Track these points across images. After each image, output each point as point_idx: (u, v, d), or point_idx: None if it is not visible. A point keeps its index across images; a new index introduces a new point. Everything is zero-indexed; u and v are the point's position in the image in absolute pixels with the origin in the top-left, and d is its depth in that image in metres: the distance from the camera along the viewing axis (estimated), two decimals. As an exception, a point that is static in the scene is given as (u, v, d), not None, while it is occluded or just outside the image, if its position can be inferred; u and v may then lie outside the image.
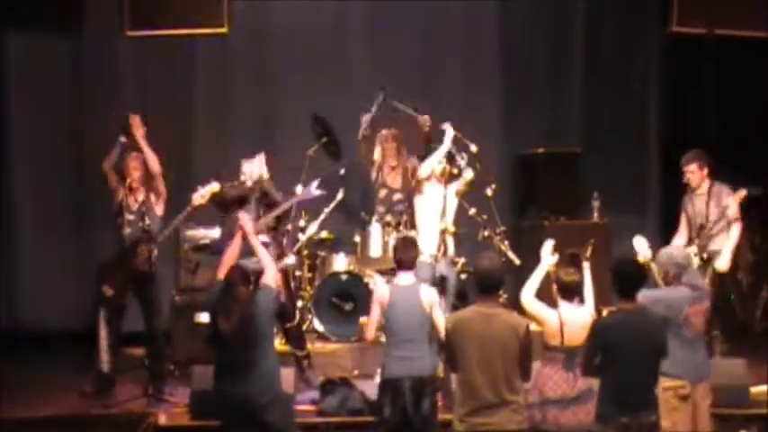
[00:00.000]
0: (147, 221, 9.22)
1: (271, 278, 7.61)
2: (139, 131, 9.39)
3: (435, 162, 9.64)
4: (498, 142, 12.19)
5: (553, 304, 7.52)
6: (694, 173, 9.80)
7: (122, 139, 9.46)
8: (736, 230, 9.68)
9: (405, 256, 7.87)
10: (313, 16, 12.18)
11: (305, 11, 12.14)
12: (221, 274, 7.58)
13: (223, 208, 9.60)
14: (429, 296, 7.78)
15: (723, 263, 9.46)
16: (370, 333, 7.91)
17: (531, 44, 12.60)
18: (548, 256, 7.69)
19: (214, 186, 9.37)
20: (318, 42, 12.18)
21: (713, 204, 9.75)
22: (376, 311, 7.81)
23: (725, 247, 9.55)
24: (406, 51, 12.21)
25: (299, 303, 10.60)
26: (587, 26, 12.57)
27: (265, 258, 7.76)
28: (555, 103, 12.59)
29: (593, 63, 12.54)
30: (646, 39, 12.57)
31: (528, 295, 7.51)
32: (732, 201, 9.70)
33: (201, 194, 9.27)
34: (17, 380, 9.70)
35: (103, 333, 9.27)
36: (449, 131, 9.68)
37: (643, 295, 7.12)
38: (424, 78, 12.28)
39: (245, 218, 8.06)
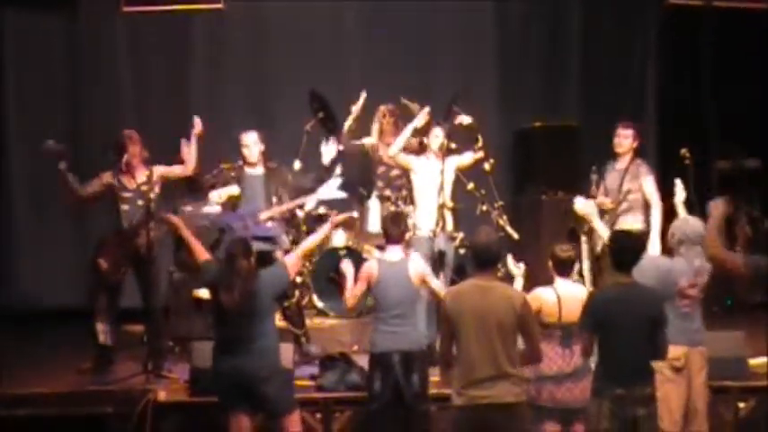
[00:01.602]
0: (152, 204, 9.19)
1: (291, 262, 7.72)
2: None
3: (403, 141, 9.61)
4: (496, 116, 12.17)
5: (549, 280, 7.54)
6: (628, 138, 9.62)
7: (61, 166, 9.22)
8: (657, 213, 9.39)
9: (394, 230, 7.89)
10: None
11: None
12: (202, 256, 7.72)
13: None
14: (418, 268, 7.82)
15: (654, 249, 9.16)
16: (350, 302, 7.97)
17: (529, 20, 12.58)
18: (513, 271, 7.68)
19: (233, 190, 9.35)
20: (315, 20, 12.16)
21: (627, 180, 9.61)
22: (359, 284, 7.86)
23: (652, 232, 9.31)
24: (403, 28, 12.19)
25: (298, 279, 10.62)
26: (585, 2, 12.54)
27: (306, 245, 7.95)
28: (553, 77, 12.57)
29: (590, 38, 12.52)
30: (643, 14, 12.54)
31: None
32: (650, 180, 9.50)
33: (219, 195, 9.24)
34: (15, 357, 9.72)
35: (99, 305, 9.27)
36: (423, 112, 9.62)
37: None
38: (422, 53, 12.27)
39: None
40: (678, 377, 7.55)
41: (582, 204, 8.54)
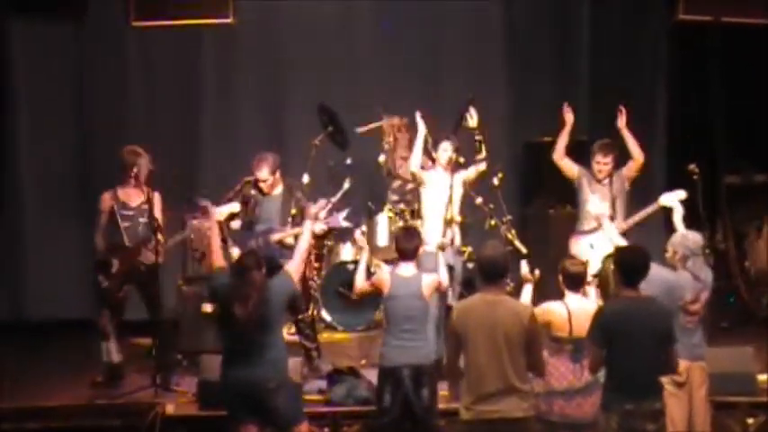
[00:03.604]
0: (155, 220, 9.17)
1: (293, 269, 7.68)
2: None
3: (419, 154, 9.60)
4: (505, 130, 12.17)
5: (560, 295, 7.54)
6: (608, 165, 9.82)
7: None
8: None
9: (407, 246, 7.90)
10: (320, 6, 12.16)
11: (312, 1, 12.13)
12: (217, 261, 7.68)
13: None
14: (430, 280, 7.88)
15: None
16: (357, 291, 8.15)
17: (538, 32, 12.57)
18: (527, 276, 7.69)
19: (234, 207, 9.31)
20: (324, 34, 12.17)
21: (616, 189, 9.76)
22: (371, 286, 8.03)
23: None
24: (412, 40, 12.21)
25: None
26: (593, 14, 12.54)
27: (300, 248, 7.85)
28: (562, 90, 12.53)
29: (599, 51, 12.51)
30: (652, 28, 12.54)
31: None
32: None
33: (220, 212, 9.13)
34: (24, 369, 9.73)
35: (102, 323, 9.26)
36: (420, 125, 9.64)
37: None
38: (430, 66, 12.29)
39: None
40: (680, 392, 7.58)
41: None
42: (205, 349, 9.22)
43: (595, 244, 9.57)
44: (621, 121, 9.93)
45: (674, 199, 9.13)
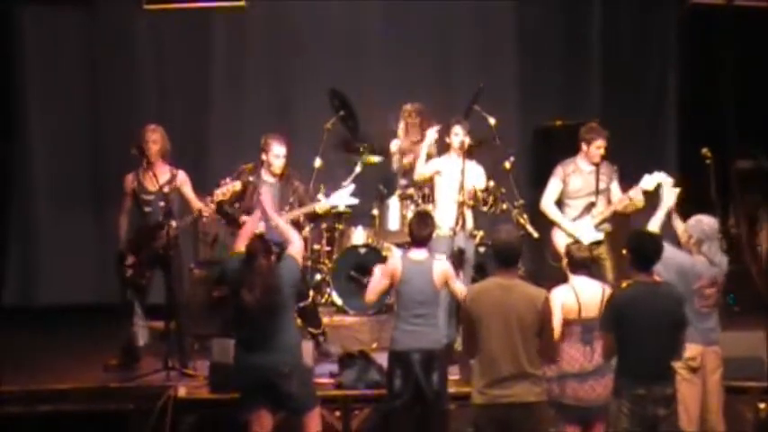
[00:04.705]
0: (170, 202, 9.16)
1: (296, 250, 7.67)
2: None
3: (422, 164, 9.64)
4: (516, 114, 12.16)
5: (564, 279, 7.56)
6: (601, 149, 9.52)
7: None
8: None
9: (421, 232, 7.89)
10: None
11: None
12: (240, 246, 7.63)
13: (233, 222, 9.52)
14: (442, 269, 7.82)
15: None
16: (370, 296, 8.04)
17: (549, 20, 12.54)
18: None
19: (236, 185, 9.21)
20: (335, 19, 12.15)
21: (603, 183, 9.55)
22: (382, 280, 7.91)
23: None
24: (423, 25, 12.19)
25: (318, 277, 10.66)
26: (605, 0, 12.52)
27: (289, 232, 7.83)
28: (573, 75, 12.54)
29: (610, 36, 12.49)
30: (664, 13, 12.51)
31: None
32: (617, 184, 9.49)
33: (223, 192, 9.10)
34: (35, 353, 9.76)
35: (135, 312, 9.29)
36: (432, 132, 9.68)
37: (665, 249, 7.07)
38: (442, 49, 12.28)
39: (265, 194, 8.16)
40: (694, 377, 7.56)
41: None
42: (216, 333, 9.23)
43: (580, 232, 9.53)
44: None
45: (655, 182, 8.98)
